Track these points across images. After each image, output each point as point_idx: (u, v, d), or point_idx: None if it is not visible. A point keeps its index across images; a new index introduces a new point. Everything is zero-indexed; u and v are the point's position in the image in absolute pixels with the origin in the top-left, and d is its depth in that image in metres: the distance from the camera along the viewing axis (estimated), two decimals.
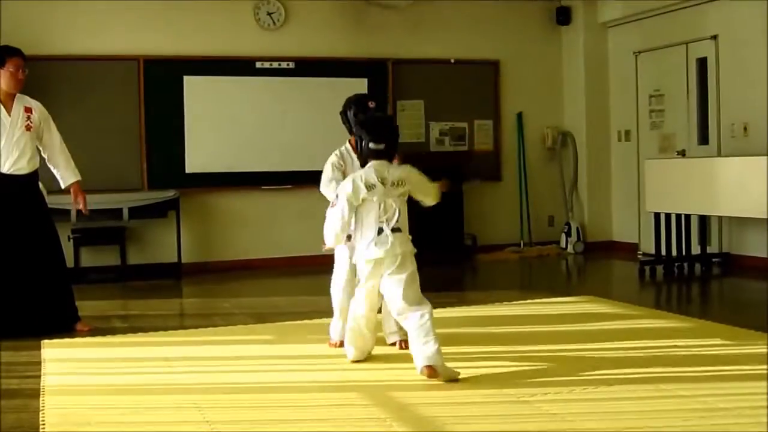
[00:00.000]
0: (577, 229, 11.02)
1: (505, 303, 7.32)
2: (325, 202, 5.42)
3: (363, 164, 5.21)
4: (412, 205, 5.24)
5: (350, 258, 5.44)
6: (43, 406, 4.46)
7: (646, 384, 4.60)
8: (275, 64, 10.11)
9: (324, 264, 6.25)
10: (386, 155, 5.11)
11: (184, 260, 9.56)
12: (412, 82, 10.66)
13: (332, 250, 5.49)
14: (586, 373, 4.89)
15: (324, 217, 5.21)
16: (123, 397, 4.66)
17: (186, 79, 9.78)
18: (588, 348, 5.53)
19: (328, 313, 6.16)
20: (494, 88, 11.06)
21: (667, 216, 9.05)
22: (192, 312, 7.79)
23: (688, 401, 4.31)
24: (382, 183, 5.02)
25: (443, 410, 4.25)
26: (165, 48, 9.72)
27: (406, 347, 5.43)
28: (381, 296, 5.15)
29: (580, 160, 11.21)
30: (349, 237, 5.24)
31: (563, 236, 11.10)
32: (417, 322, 4.89)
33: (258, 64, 10.05)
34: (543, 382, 4.70)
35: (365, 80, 10.30)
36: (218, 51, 9.92)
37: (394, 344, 5.66)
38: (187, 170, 9.79)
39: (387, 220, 5.00)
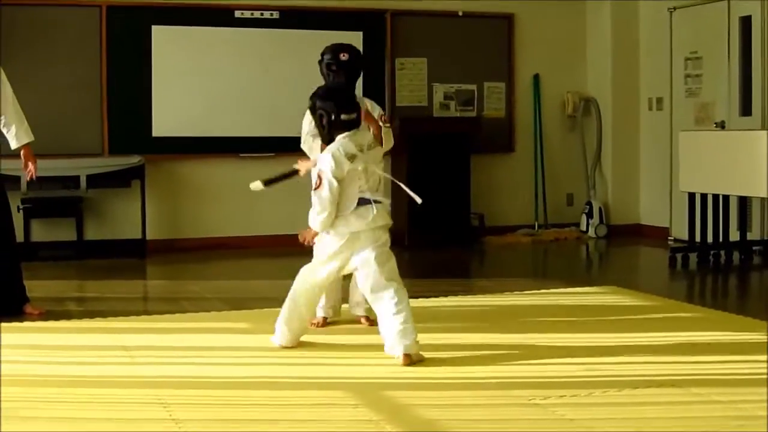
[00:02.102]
0: (600, 209, 11.01)
1: (516, 293, 7.33)
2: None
3: (329, 140, 5.34)
4: (413, 181, 5.43)
5: None
6: None
7: (676, 387, 4.61)
8: (257, 14, 10.08)
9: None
10: (357, 125, 5.35)
11: (149, 237, 9.54)
12: (414, 37, 10.63)
13: (315, 239, 5.51)
14: (608, 373, 4.91)
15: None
16: (77, 390, 4.66)
17: (154, 29, 9.74)
18: (610, 345, 5.54)
19: None
20: (508, 46, 11.03)
21: (703, 197, 9.04)
22: (157, 295, 7.82)
23: (722, 408, 4.31)
24: (361, 150, 5.28)
25: (444, 413, 4.26)
26: None
27: (372, 324, 5.77)
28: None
29: (605, 130, 11.19)
30: None
31: (584, 218, 11.10)
32: (391, 302, 5.16)
33: (237, 14, 10.01)
34: (558, 383, 4.72)
35: (360, 34, 10.27)
36: None
37: (358, 320, 5.93)
38: (154, 133, 9.77)
39: (369, 190, 5.27)
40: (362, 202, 5.26)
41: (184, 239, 9.91)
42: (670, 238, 10.42)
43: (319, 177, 5.26)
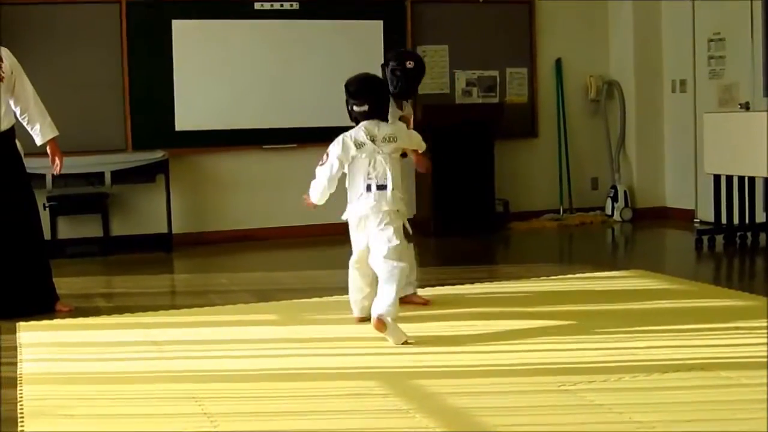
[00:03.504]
0: (625, 193, 11.01)
1: (542, 278, 7.35)
2: None
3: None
4: (438, 169, 5.50)
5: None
6: (21, 397, 4.53)
7: (705, 371, 4.64)
8: (276, 5, 10.10)
9: (334, 234, 6.40)
10: (373, 116, 5.74)
11: (174, 231, 9.59)
12: (435, 24, 10.63)
13: (313, 207, 6.05)
14: (636, 358, 4.93)
15: None
16: (109, 386, 4.72)
17: (175, 23, 9.77)
18: (637, 330, 5.55)
19: (339, 290, 6.32)
20: (529, 31, 11.02)
21: (729, 179, 9.03)
22: (184, 289, 7.88)
23: (750, 391, 4.32)
24: (372, 140, 5.66)
25: (473, 401, 4.29)
26: None
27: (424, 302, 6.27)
28: None
29: (629, 113, 11.17)
30: None
31: (609, 202, 11.10)
32: (387, 272, 5.49)
33: (257, 5, 10.03)
34: (587, 369, 4.74)
35: (380, 23, 10.30)
36: None
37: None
38: (177, 128, 9.81)
39: (376, 177, 5.66)
40: (369, 188, 5.65)
41: (209, 232, 9.96)
42: (696, 220, 10.40)
43: (327, 155, 5.78)
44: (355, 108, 5.72)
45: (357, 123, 5.78)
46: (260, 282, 7.79)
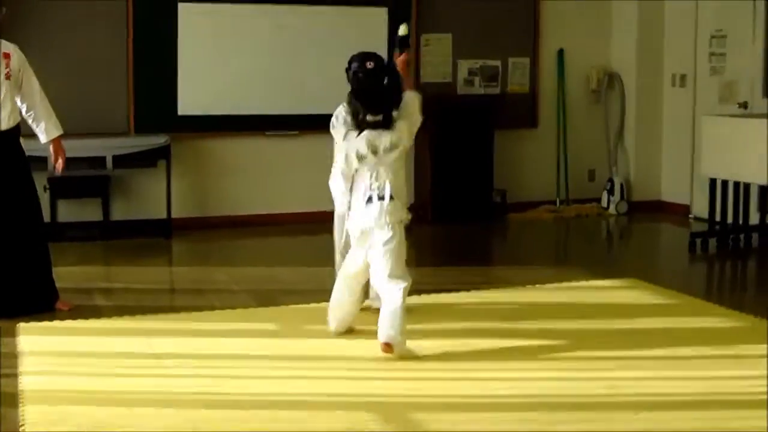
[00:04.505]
0: (621, 186, 11.03)
1: (537, 286, 7.39)
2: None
3: (358, 133, 5.73)
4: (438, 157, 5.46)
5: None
6: (23, 423, 4.58)
7: (694, 410, 4.70)
8: None
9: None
10: (384, 126, 5.68)
11: (175, 215, 9.56)
12: (439, 12, 10.60)
13: None
14: (625, 392, 4.99)
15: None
16: (111, 410, 4.75)
17: (180, 6, 9.73)
18: (627, 355, 5.62)
19: None
20: (533, 21, 11.00)
21: (724, 182, 9.04)
22: (184, 285, 7.87)
23: None
24: (374, 152, 5.62)
25: None
26: None
27: None
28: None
29: (628, 105, 11.18)
30: None
31: (605, 194, 11.11)
32: (392, 296, 5.55)
33: None
34: (578, 405, 4.80)
35: (385, 9, 10.25)
36: None
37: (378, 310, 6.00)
38: (180, 112, 9.80)
39: (378, 188, 5.63)
40: (371, 200, 5.62)
41: (209, 218, 9.97)
42: (690, 216, 10.46)
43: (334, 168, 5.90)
44: (369, 118, 5.64)
45: (360, 128, 5.69)
46: (260, 280, 7.78)
